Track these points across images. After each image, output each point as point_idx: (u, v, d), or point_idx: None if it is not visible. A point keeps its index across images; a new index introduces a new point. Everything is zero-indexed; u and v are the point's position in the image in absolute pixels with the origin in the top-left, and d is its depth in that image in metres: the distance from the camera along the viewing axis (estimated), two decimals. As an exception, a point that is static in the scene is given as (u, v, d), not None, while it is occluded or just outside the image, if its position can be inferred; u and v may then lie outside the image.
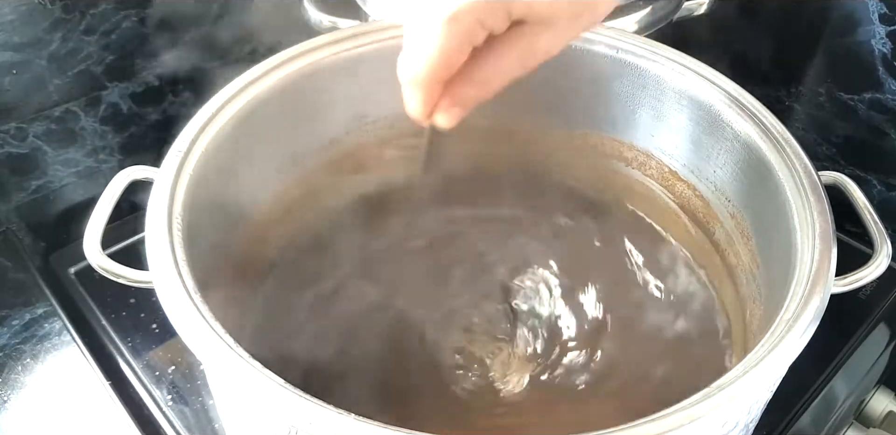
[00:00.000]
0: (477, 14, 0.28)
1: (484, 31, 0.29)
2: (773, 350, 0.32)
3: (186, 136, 0.39)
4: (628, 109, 0.48)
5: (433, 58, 0.29)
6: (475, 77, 0.31)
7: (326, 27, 0.54)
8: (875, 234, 0.39)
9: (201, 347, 0.31)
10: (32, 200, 0.62)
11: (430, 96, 0.31)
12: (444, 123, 0.33)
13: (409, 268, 0.51)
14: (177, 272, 0.33)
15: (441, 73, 0.30)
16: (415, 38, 0.30)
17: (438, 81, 0.30)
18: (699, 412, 0.29)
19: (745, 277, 0.44)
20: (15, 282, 0.57)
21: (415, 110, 0.32)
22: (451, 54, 0.29)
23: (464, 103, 0.32)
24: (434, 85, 0.31)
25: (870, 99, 0.59)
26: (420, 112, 0.32)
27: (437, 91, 0.31)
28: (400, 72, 0.31)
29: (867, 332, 0.57)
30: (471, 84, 0.31)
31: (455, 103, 0.32)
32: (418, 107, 0.32)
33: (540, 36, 0.30)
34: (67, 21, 0.55)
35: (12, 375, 0.52)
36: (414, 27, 0.30)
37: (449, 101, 0.32)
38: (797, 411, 0.52)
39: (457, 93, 0.31)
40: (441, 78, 0.30)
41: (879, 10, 0.55)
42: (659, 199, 0.51)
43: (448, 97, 0.32)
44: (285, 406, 0.29)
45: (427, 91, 0.31)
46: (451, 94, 0.31)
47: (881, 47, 0.56)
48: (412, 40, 0.30)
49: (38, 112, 0.58)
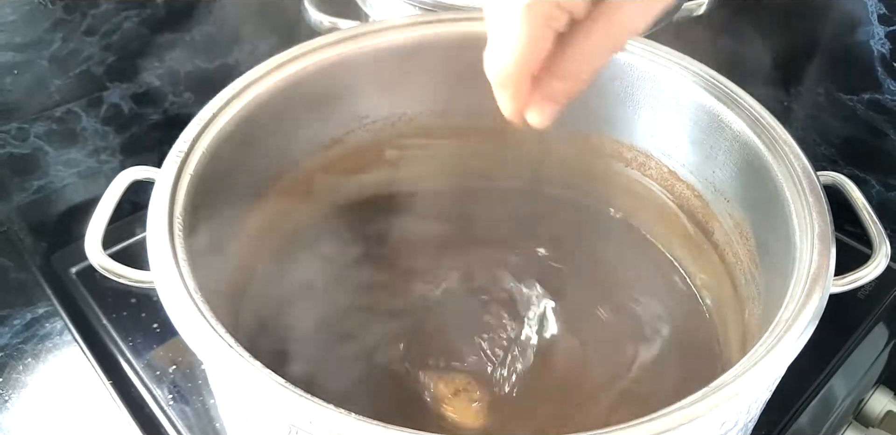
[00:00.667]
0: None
1: (565, 14, 0.28)
2: (772, 350, 0.32)
3: (187, 137, 0.39)
4: (628, 110, 0.48)
5: (518, 49, 0.28)
6: (564, 68, 0.30)
7: (327, 28, 0.54)
8: (874, 234, 0.40)
9: (202, 347, 0.31)
10: (34, 201, 0.63)
11: (521, 92, 0.30)
12: (538, 121, 0.31)
13: (408, 268, 0.51)
14: (178, 272, 0.34)
15: (529, 65, 0.29)
16: (496, 31, 0.29)
17: (528, 74, 0.29)
18: (698, 412, 0.29)
19: (744, 277, 0.44)
20: (16, 282, 0.58)
21: (507, 108, 0.31)
22: (535, 43, 0.28)
23: (556, 98, 0.31)
24: (524, 79, 0.29)
25: (869, 99, 0.59)
26: (513, 110, 0.31)
27: (528, 86, 0.30)
28: (487, 69, 0.30)
29: (866, 331, 0.57)
30: (560, 76, 0.30)
31: (547, 99, 0.30)
32: (510, 104, 0.31)
33: (622, 10, 0.28)
34: (68, 21, 0.56)
35: (13, 375, 0.52)
36: (494, 20, 0.29)
37: (541, 96, 0.30)
38: (796, 411, 0.52)
39: (547, 87, 0.30)
40: (529, 70, 0.29)
41: (878, 10, 0.55)
42: (658, 200, 0.51)
43: (539, 93, 0.30)
44: (286, 405, 0.29)
45: (517, 86, 0.30)
46: (541, 89, 0.30)
47: (880, 48, 0.56)
48: (494, 35, 0.29)
49: (40, 112, 0.58)
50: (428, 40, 0.46)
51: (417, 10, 0.51)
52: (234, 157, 0.42)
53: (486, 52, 0.30)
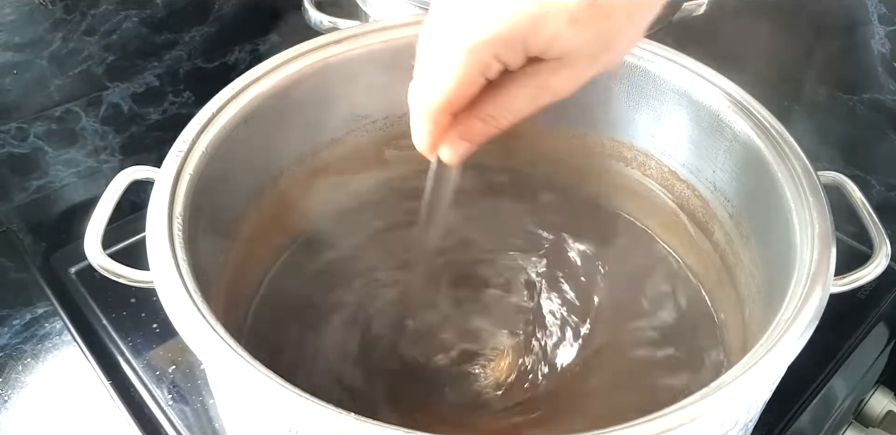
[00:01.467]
0: (494, 48, 0.28)
1: (499, 65, 0.29)
2: (773, 350, 0.32)
3: (187, 137, 0.39)
4: (628, 110, 0.48)
5: (448, 87, 0.29)
6: (485, 111, 0.31)
7: (327, 27, 0.54)
8: (874, 234, 0.39)
9: (202, 347, 0.31)
10: (33, 200, 0.63)
11: (439, 128, 0.31)
12: (450, 158, 0.32)
13: (409, 268, 0.51)
14: (177, 272, 0.33)
15: (453, 104, 0.30)
16: (430, 67, 0.30)
17: (449, 112, 0.30)
18: (698, 411, 0.29)
19: (745, 277, 0.44)
20: (16, 282, 0.58)
21: (422, 142, 0.32)
22: (465, 85, 0.29)
23: (471, 137, 0.31)
24: (445, 116, 0.30)
25: (869, 99, 0.59)
26: (428, 144, 0.32)
27: (447, 123, 0.31)
28: (412, 100, 0.31)
29: (866, 331, 0.57)
30: (480, 118, 0.31)
31: (463, 137, 0.31)
32: (426, 138, 0.31)
33: (555, 74, 0.29)
34: (68, 21, 0.56)
35: (13, 375, 0.52)
36: (430, 56, 0.30)
37: (457, 134, 0.31)
38: (796, 411, 0.52)
39: (465, 126, 0.31)
40: (453, 109, 0.30)
41: (879, 10, 0.55)
42: (658, 200, 0.51)
43: (456, 131, 0.31)
44: (285, 406, 0.29)
45: (437, 122, 0.30)
46: (460, 127, 0.31)
47: (881, 48, 0.56)
48: (427, 69, 0.30)
49: (39, 112, 0.59)
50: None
51: (417, 10, 0.51)
52: (234, 156, 0.42)
53: (413, 84, 0.31)
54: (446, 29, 0.29)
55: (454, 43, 0.28)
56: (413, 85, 0.31)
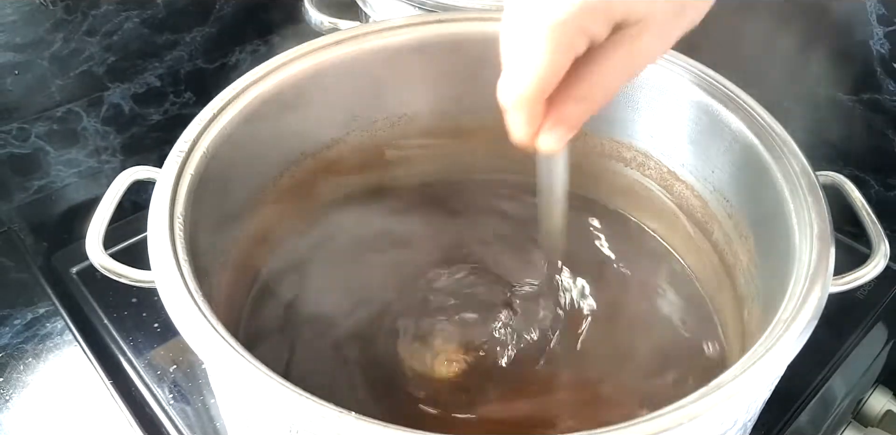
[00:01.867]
0: (579, 21, 0.27)
1: (586, 39, 0.28)
2: (772, 349, 0.32)
3: (188, 137, 0.39)
4: (627, 110, 0.48)
5: (540, 72, 0.28)
6: (579, 92, 0.29)
7: (327, 28, 0.54)
8: (873, 234, 0.40)
9: (203, 346, 0.31)
10: (34, 200, 0.63)
11: (536, 116, 0.29)
12: (551, 146, 0.30)
13: (409, 267, 0.51)
14: (178, 272, 0.34)
15: (546, 89, 0.28)
16: (516, 55, 0.28)
17: (543, 99, 0.29)
18: (698, 411, 0.29)
19: (744, 277, 0.44)
20: (17, 281, 0.58)
21: (521, 133, 0.30)
22: (557, 66, 0.28)
23: (570, 122, 0.30)
24: (540, 103, 0.29)
25: (868, 99, 0.59)
26: (527, 134, 0.30)
27: (542, 110, 0.29)
28: (503, 93, 0.29)
29: (865, 331, 0.57)
30: (575, 100, 0.29)
31: (560, 122, 0.30)
32: (525, 128, 0.30)
33: (641, 38, 0.28)
34: (69, 22, 0.56)
35: (14, 375, 0.52)
36: (514, 44, 0.28)
37: (553, 120, 0.30)
38: (795, 410, 0.52)
39: (561, 111, 0.29)
40: (546, 93, 0.28)
41: (878, 10, 0.55)
42: (657, 200, 0.51)
43: (551, 117, 0.30)
44: (286, 405, 0.29)
45: (533, 110, 0.29)
46: (555, 113, 0.29)
47: (879, 48, 0.56)
48: (514, 58, 0.28)
49: (41, 112, 0.59)
50: (428, 40, 0.47)
51: (417, 10, 0.51)
52: (235, 157, 0.42)
53: (503, 77, 0.29)
54: (526, 11, 0.28)
55: (537, 25, 0.27)
56: (502, 78, 0.29)
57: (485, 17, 0.47)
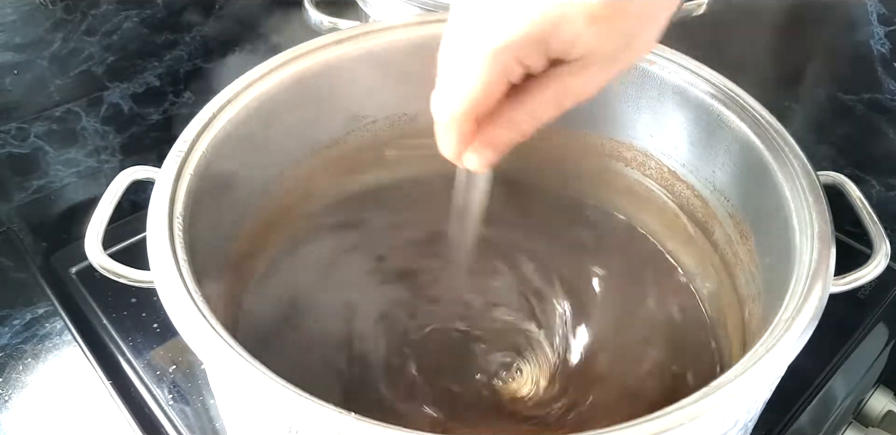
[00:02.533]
0: (516, 50, 0.28)
1: (522, 69, 0.29)
2: (772, 349, 0.32)
3: (187, 137, 0.39)
4: (628, 109, 0.48)
5: (472, 93, 0.29)
6: (509, 117, 0.30)
7: (327, 28, 0.54)
8: (874, 233, 0.40)
9: (202, 347, 0.31)
10: (34, 200, 0.63)
11: (464, 134, 0.31)
12: (476, 166, 0.32)
13: (409, 267, 0.51)
14: (178, 272, 0.34)
15: (478, 110, 0.30)
16: (452, 73, 0.29)
17: (474, 119, 0.30)
18: (698, 411, 0.29)
19: (744, 277, 0.44)
20: (16, 281, 0.58)
21: (448, 149, 0.31)
22: (489, 90, 0.29)
23: (496, 145, 0.31)
24: (469, 123, 0.30)
25: (868, 99, 0.59)
26: (454, 151, 0.31)
27: (472, 129, 0.30)
28: (436, 108, 0.30)
29: (866, 331, 0.57)
30: (504, 125, 0.31)
31: (487, 145, 0.31)
32: (452, 145, 0.31)
33: (577, 76, 0.29)
34: (69, 21, 0.56)
35: (13, 375, 0.52)
36: (452, 63, 0.29)
37: (481, 142, 0.31)
38: (796, 411, 0.52)
39: (490, 134, 0.31)
40: (477, 115, 0.30)
41: (878, 10, 0.55)
42: (658, 200, 0.51)
43: (481, 138, 0.31)
44: (285, 405, 0.29)
45: (462, 129, 0.30)
46: (484, 135, 0.31)
47: (880, 48, 0.56)
48: (450, 76, 0.30)
49: (40, 112, 0.59)
50: (428, 40, 0.46)
51: (417, 10, 0.51)
52: (234, 156, 0.42)
53: (436, 92, 0.30)
54: (467, 35, 0.29)
55: (476, 48, 0.28)
56: (436, 92, 0.30)
57: (485, 16, 0.47)
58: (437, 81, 0.30)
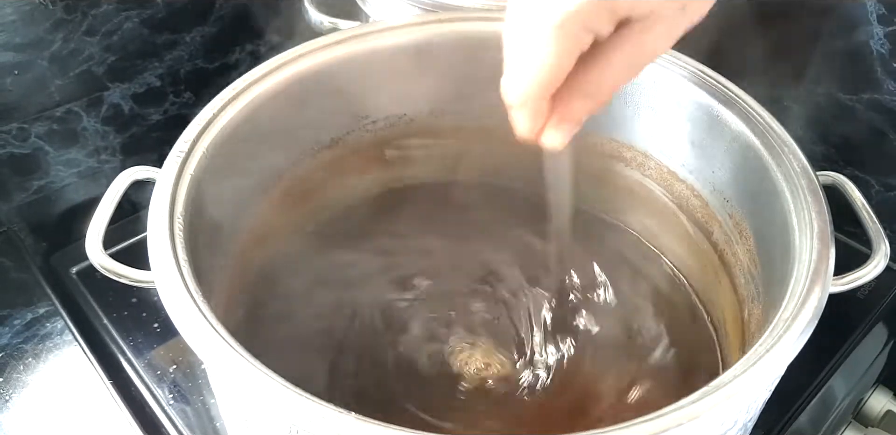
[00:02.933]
0: (584, 18, 0.27)
1: (591, 36, 0.28)
2: (772, 349, 0.32)
3: (188, 137, 0.39)
4: (627, 110, 0.48)
5: (545, 70, 0.28)
6: (584, 88, 0.29)
7: (327, 28, 0.54)
8: (873, 234, 0.40)
9: (203, 347, 0.31)
10: (34, 200, 0.63)
11: (540, 113, 0.29)
12: (556, 142, 0.31)
13: (409, 267, 0.51)
14: (178, 272, 0.34)
15: (551, 86, 0.28)
16: (520, 51, 0.28)
17: (547, 96, 0.29)
18: (698, 411, 0.29)
19: (744, 277, 0.44)
20: (17, 281, 0.58)
21: (526, 130, 0.30)
22: (561, 64, 0.28)
23: (574, 117, 0.30)
24: (543, 100, 0.29)
25: (868, 99, 0.59)
26: (531, 131, 0.30)
27: (547, 107, 0.29)
28: (507, 91, 0.29)
29: (865, 331, 0.57)
30: (580, 96, 0.29)
31: (565, 119, 0.30)
32: (529, 125, 0.30)
33: (646, 34, 0.28)
34: (69, 22, 0.56)
35: (14, 375, 0.52)
36: (518, 42, 0.28)
37: (559, 117, 0.30)
38: (795, 411, 0.52)
39: (566, 107, 0.30)
40: (551, 90, 0.29)
41: (878, 10, 0.55)
42: (658, 200, 0.51)
43: (557, 114, 0.30)
44: (286, 405, 0.29)
45: (538, 108, 0.29)
46: (560, 109, 0.30)
47: (880, 48, 0.56)
48: (518, 56, 0.28)
49: (40, 112, 0.59)
50: (428, 40, 0.47)
51: (417, 10, 0.51)
52: (235, 157, 0.42)
53: (506, 74, 0.29)
54: (529, 11, 0.28)
55: (541, 23, 0.27)
56: (506, 76, 0.29)
57: (485, 16, 0.47)
58: (505, 65, 0.29)
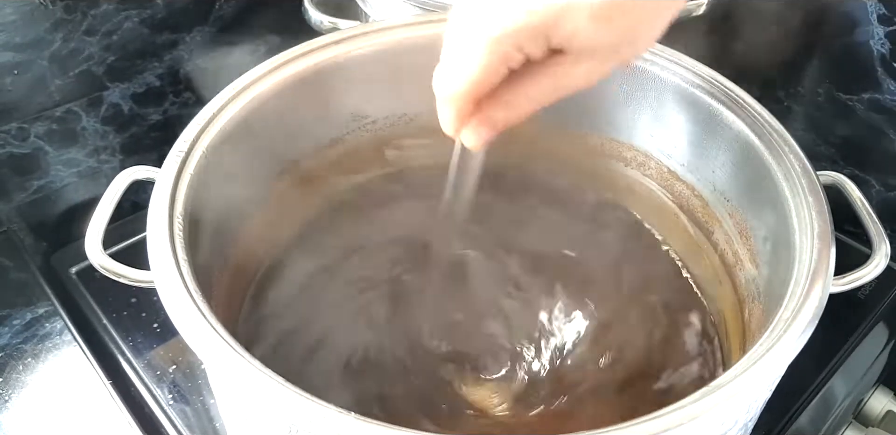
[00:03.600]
0: (519, 38, 0.29)
1: (522, 55, 0.30)
2: (772, 349, 0.32)
3: (187, 137, 0.39)
4: (628, 110, 0.48)
5: (472, 76, 0.30)
6: (507, 100, 0.32)
7: (327, 28, 0.54)
8: (873, 233, 0.40)
9: (202, 347, 0.31)
10: (34, 200, 0.63)
11: (462, 113, 0.32)
12: (471, 143, 0.33)
13: (409, 267, 0.51)
14: (178, 272, 0.34)
15: (477, 92, 0.31)
16: (456, 55, 0.30)
17: (472, 99, 0.31)
18: (698, 411, 0.29)
19: (744, 277, 0.44)
20: (16, 281, 0.58)
21: (446, 125, 0.33)
22: (488, 74, 0.30)
23: (492, 124, 0.32)
24: (468, 102, 0.31)
25: (868, 99, 0.59)
26: (451, 127, 0.33)
27: (470, 108, 0.32)
28: (437, 86, 0.32)
29: (866, 331, 0.57)
30: (502, 106, 0.32)
31: (483, 123, 0.32)
32: (450, 122, 0.32)
33: (576, 66, 0.30)
34: (69, 21, 0.56)
35: (14, 375, 0.52)
36: (456, 45, 0.30)
37: (478, 120, 0.32)
38: (796, 410, 0.52)
39: (487, 114, 0.32)
40: (476, 96, 0.31)
41: (878, 10, 0.55)
42: (658, 200, 0.51)
43: (478, 117, 0.32)
44: (286, 405, 0.29)
45: (460, 107, 0.31)
46: (482, 114, 0.32)
47: (880, 48, 0.56)
48: (453, 57, 0.31)
49: (40, 112, 0.59)
50: (428, 40, 0.46)
51: (417, 10, 0.51)
52: (234, 157, 0.42)
53: (439, 71, 0.31)
54: (473, 20, 0.30)
55: (480, 34, 0.29)
56: (438, 71, 0.31)
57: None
58: (441, 59, 0.31)
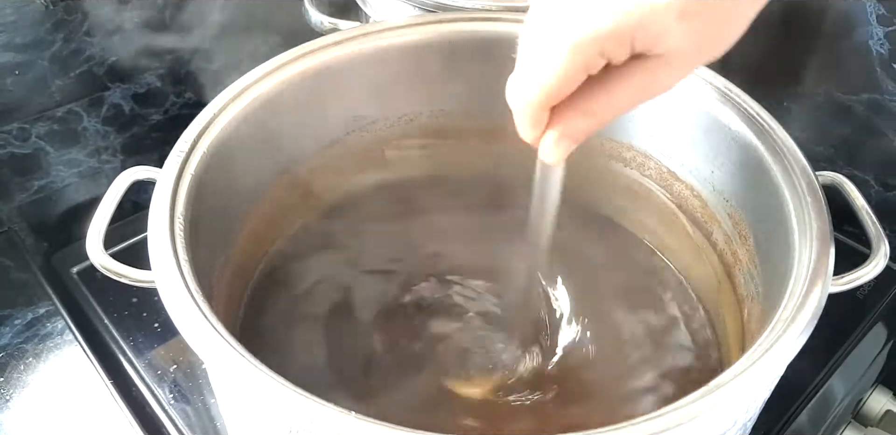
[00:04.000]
0: (602, 43, 0.27)
1: (603, 61, 0.28)
2: (771, 349, 0.32)
3: (188, 137, 0.39)
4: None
5: (550, 83, 0.28)
6: (588, 108, 0.30)
7: (327, 28, 0.54)
8: (872, 234, 0.40)
9: (203, 346, 0.31)
10: (35, 200, 0.63)
11: (539, 121, 0.30)
12: (552, 158, 0.31)
13: (409, 267, 0.51)
14: (179, 272, 0.34)
15: (553, 100, 0.29)
16: (532, 61, 0.29)
17: (547, 108, 0.30)
18: (697, 410, 0.29)
19: (744, 277, 0.44)
20: (17, 281, 0.58)
21: (525, 135, 0.31)
22: (568, 81, 0.28)
23: (574, 135, 0.31)
24: (544, 111, 0.30)
25: (868, 99, 0.59)
26: (529, 136, 0.31)
27: (545, 116, 0.30)
28: (510, 94, 0.30)
29: (865, 331, 0.57)
30: (582, 114, 0.30)
31: (565, 134, 0.31)
32: (527, 131, 0.31)
33: (659, 69, 0.29)
34: (70, 22, 0.56)
35: (15, 374, 0.52)
36: (533, 51, 0.29)
37: (559, 132, 0.31)
38: (795, 410, 0.52)
39: (567, 124, 0.30)
40: (552, 104, 0.29)
41: (877, 11, 0.55)
42: (657, 200, 0.51)
43: (557, 129, 0.30)
44: (286, 405, 0.29)
45: (536, 116, 0.30)
46: (561, 125, 0.30)
47: (879, 48, 0.56)
48: (529, 64, 0.29)
49: (41, 112, 0.59)
50: (428, 40, 0.47)
51: (417, 10, 0.52)
52: (235, 157, 0.42)
53: (513, 77, 0.30)
54: (551, 24, 0.28)
55: (560, 38, 0.28)
56: (513, 78, 0.30)
57: (484, 17, 0.47)
58: (516, 67, 0.30)
